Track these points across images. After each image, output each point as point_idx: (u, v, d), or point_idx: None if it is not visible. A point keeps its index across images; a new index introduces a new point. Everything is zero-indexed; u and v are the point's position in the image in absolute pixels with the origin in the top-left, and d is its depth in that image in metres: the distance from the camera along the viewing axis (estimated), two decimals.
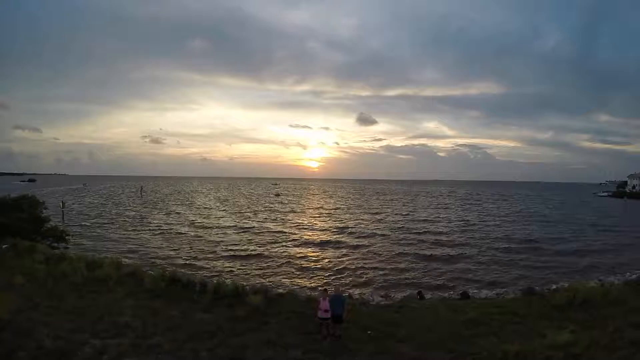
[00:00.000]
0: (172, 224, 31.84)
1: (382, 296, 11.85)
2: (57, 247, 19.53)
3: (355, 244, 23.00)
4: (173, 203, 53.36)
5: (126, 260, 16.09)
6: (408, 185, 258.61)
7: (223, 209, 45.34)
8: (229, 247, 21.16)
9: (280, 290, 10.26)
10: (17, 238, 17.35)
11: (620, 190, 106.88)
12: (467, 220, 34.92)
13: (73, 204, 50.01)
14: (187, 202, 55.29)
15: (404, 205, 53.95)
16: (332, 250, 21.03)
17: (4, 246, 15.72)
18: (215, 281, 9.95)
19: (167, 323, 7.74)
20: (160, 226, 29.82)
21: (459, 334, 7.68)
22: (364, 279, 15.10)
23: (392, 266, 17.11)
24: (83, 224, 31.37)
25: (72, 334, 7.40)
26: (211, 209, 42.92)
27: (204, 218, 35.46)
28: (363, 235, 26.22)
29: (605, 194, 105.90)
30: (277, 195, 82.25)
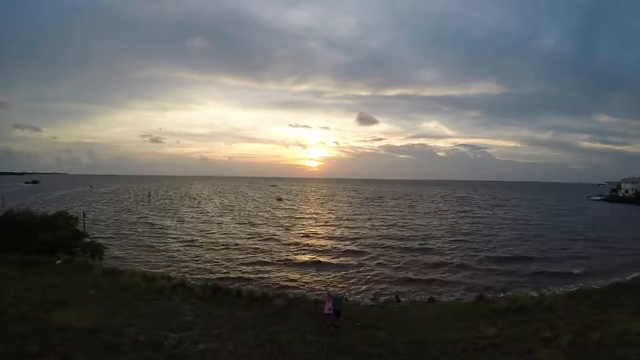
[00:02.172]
0: (188, 233, 35.17)
1: (369, 299, 15.49)
2: (95, 260, 22.68)
3: (353, 253, 26.87)
4: (182, 211, 56.32)
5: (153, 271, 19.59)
6: (408, 186, 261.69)
7: (232, 217, 48.55)
8: (247, 259, 24.75)
9: (296, 294, 13.92)
10: (65, 254, 20.34)
11: (612, 195, 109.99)
12: (460, 230, 38.35)
13: (87, 211, 53.16)
14: (196, 209, 58.39)
15: (401, 212, 57.24)
16: (334, 260, 24.77)
17: (57, 261, 18.29)
18: (248, 289, 13.59)
19: (219, 320, 11.25)
20: (178, 237, 32.93)
21: (420, 326, 11.26)
22: (357, 285, 18.83)
23: (382, 274, 20.84)
24: (104, 234, 33.58)
25: (154, 331, 10.67)
26: (221, 221, 45.24)
27: (218, 229, 38.54)
28: (360, 245, 29.90)
29: (598, 197, 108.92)
30: (279, 199, 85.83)
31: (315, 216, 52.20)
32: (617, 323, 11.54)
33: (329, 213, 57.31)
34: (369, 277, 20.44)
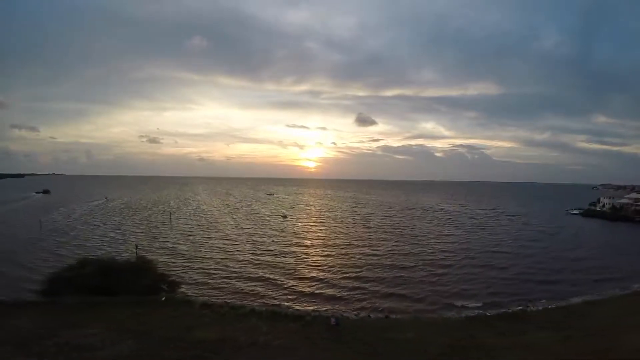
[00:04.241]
0: (224, 264, 44.95)
1: (354, 315, 27.51)
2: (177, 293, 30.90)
3: (349, 279, 38.62)
4: (206, 235, 65.94)
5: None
6: (405, 191, 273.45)
7: (251, 244, 57.95)
8: (276, 287, 36.37)
9: (315, 314, 25.68)
10: (162, 292, 29.23)
11: (590, 209, 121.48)
12: (436, 262, 47.16)
13: (124, 237, 62.85)
14: (217, 234, 67.91)
15: (393, 236, 67.51)
16: (334, 289, 36.38)
17: (162, 299, 27.88)
18: (290, 311, 25.34)
19: (279, 329, 22.71)
20: (219, 269, 42.48)
21: (379, 331, 22.90)
22: (348, 305, 31.17)
23: (365, 297, 33.07)
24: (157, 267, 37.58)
25: (251, 337, 22.04)
26: (245, 251, 53.19)
27: (244, 258, 48.12)
28: (354, 274, 41.00)
29: (576, 212, 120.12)
30: (284, 217, 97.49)
31: (319, 240, 63.33)
32: (481, 338, 22.88)
33: (330, 236, 68.74)
34: (355, 299, 32.76)
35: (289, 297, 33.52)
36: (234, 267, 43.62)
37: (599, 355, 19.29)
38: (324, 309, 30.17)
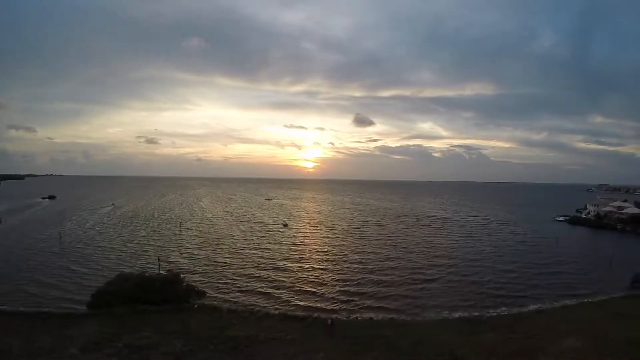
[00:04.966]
0: (232, 277, 53.35)
1: (345, 317, 35.82)
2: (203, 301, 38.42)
3: (341, 292, 46.30)
4: (212, 248, 71.79)
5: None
6: (402, 194, 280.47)
7: (260, 256, 64.65)
8: (281, 298, 44.41)
9: (315, 316, 34.23)
10: (193, 301, 36.59)
11: (576, 216, 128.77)
12: (419, 277, 52.56)
13: (142, 251, 69.05)
14: (225, 246, 74.35)
15: (386, 248, 74.37)
16: (331, 299, 44.25)
17: (195, 306, 35.69)
18: (297, 313, 34.14)
19: (289, 327, 31.22)
20: (226, 284, 49.07)
21: (368, 328, 30.55)
22: (340, 309, 39.35)
23: (352, 305, 41.24)
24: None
25: (270, 334, 29.56)
26: (253, 263, 60.43)
27: (254, 270, 55.72)
28: (346, 286, 48.39)
29: (562, 218, 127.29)
30: (285, 225, 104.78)
31: (318, 254, 69.40)
32: (443, 336, 30.08)
33: (327, 247, 75.85)
34: (348, 311, 40.13)
35: (293, 306, 40.65)
36: (243, 283, 49.65)
37: (529, 353, 26.56)
38: (322, 313, 37.55)
